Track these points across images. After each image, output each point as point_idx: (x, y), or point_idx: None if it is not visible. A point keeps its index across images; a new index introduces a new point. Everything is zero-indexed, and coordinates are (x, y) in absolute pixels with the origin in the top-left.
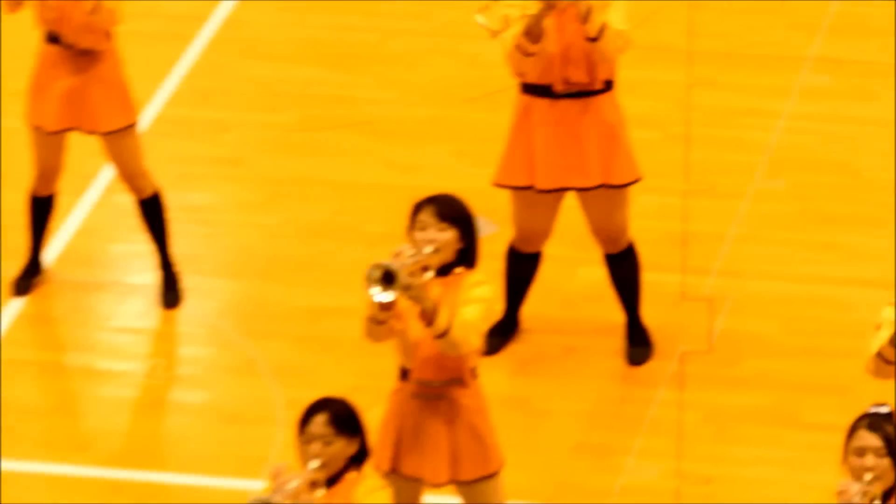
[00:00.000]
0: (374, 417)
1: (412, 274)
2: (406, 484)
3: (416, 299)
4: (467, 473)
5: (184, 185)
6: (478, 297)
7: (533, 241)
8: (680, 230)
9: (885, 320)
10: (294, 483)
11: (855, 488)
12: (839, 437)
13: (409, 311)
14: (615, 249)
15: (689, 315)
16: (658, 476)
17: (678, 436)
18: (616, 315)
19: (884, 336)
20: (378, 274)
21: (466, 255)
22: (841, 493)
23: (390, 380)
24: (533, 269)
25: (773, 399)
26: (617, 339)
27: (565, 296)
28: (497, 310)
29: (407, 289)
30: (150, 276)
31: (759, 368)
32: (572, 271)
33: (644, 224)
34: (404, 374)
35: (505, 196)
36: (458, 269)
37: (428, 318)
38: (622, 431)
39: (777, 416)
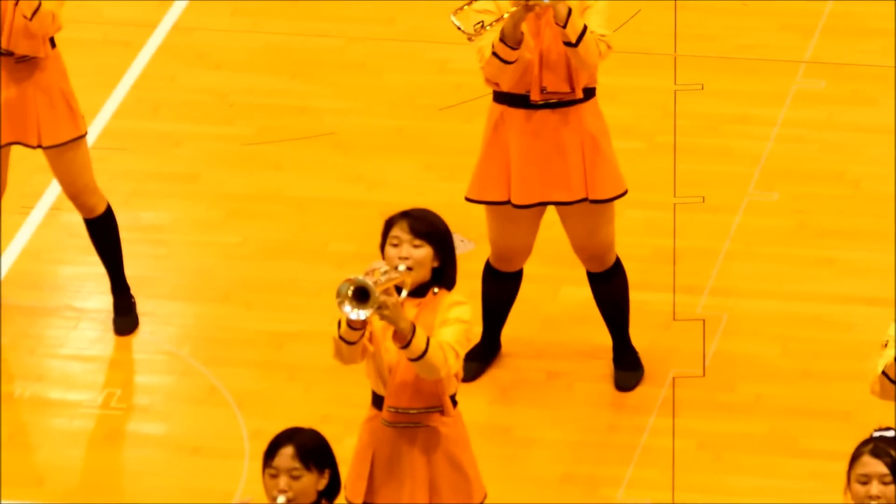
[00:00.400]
0: (346, 448)
1: (386, 292)
2: None
3: (391, 319)
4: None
5: (135, 202)
6: (456, 318)
7: (511, 259)
8: (669, 246)
9: (891, 338)
10: None
11: None
12: (841, 465)
13: (382, 332)
14: (600, 268)
15: (681, 337)
16: None
17: (671, 465)
18: (602, 337)
19: (890, 354)
20: (350, 290)
21: (443, 274)
22: None
23: (362, 408)
24: (513, 290)
25: (771, 425)
26: (604, 364)
27: (547, 317)
28: (476, 332)
29: (381, 308)
30: (103, 301)
31: (755, 393)
32: (554, 291)
33: (631, 240)
34: (377, 401)
35: (481, 211)
36: (435, 289)
37: (403, 339)
38: (612, 461)
39: (775, 444)
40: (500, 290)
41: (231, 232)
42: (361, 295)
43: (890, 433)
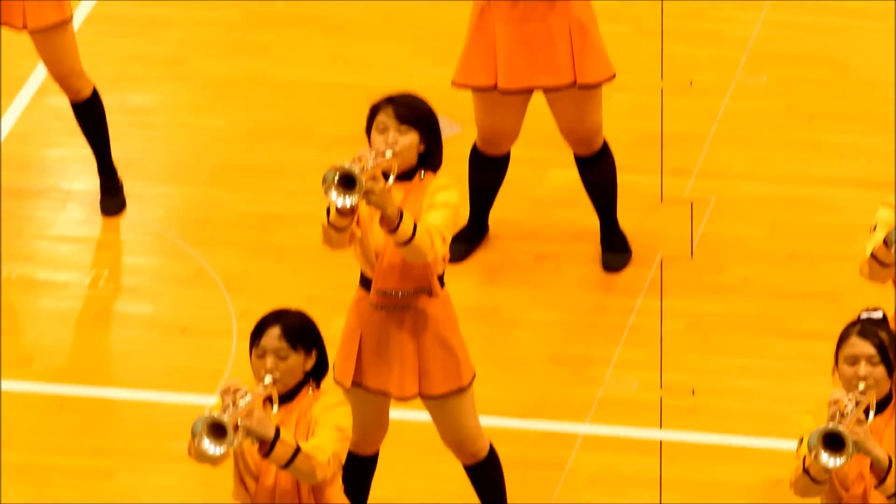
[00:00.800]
0: (334, 330)
1: (373, 178)
2: (371, 398)
3: (378, 205)
4: (436, 387)
5: (123, 86)
6: (443, 201)
7: (498, 143)
8: (657, 130)
9: (880, 220)
10: (247, 400)
11: (848, 398)
12: (828, 346)
13: (369, 217)
14: (588, 151)
15: (669, 219)
16: (639, 388)
17: (659, 346)
18: (590, 219)
19: (878, 237)
20: (336, 177)
21: (429, 158)
22: (834, 402)
23: (349, 290)
24: (499, 173)
25: (759, 306)
26: (592, 245)
27: (535, 200)
28: (463, 215)
29: (367, 194)
30: (90, 182)
31: (743, 274)
32: (542, 173)
33: (619, 124)
34: (365, 283)
35: (468, 95)
36: (422, 173)
37: (390, 224)
38: (600, 342)
39: (763, 325)
40: (487, 173)
41: (218, 115)
42: (348, 182)
43: (877, 314)
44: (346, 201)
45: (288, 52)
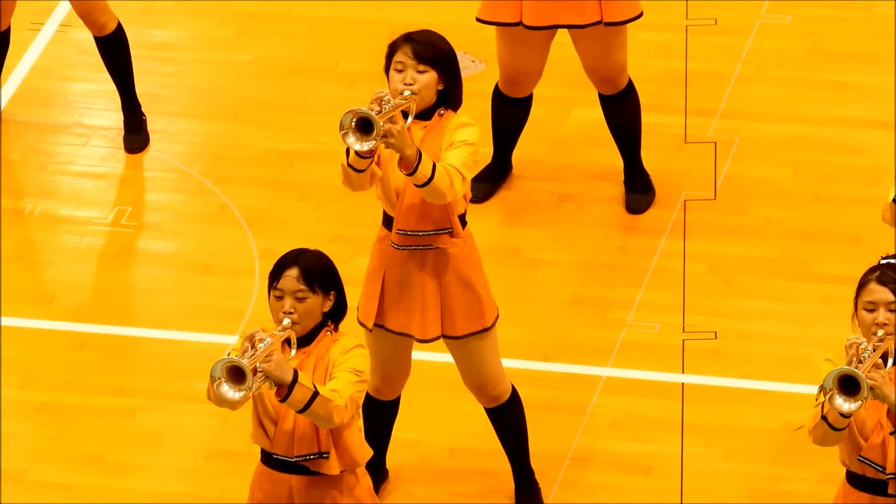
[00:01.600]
0: (356, 268)
1: (391, 120)
2: (393, 339)
3: (396, 147)
4: (459, 328)
5: (146, 20)
6: (463, 140)
7: (521, 83)
8: (681, 69)
9: None
10: (266, 343)
11: (866, 343)
12: (851, 289)
13: (389, 156)
14: (612, 90)
15: (693, 159)
16: (661, 331)
17: (682, 288)
18: (614, 160)
19: None
20: (353, 121)
21: (449, 96)
22: (851, 346)
23: (372, 228)
24: (522, 115)
25: (782, 249)
26: (615, 186)
27: (559, 139)
28: (484, 154)
29: (385, 136)
30: (113, 118)
31: (766, 216)
32: (565, 112)
33: (643, 62)
34: (388, 221)
35: (492, 32)
36: (441, 111)
37: (409, 166)
38: (622, 284)
39: (785, 268)
40: (510, 114)
41: (241, 50)
42: (365, 125)
43: None
44: (364, 146)
45: None
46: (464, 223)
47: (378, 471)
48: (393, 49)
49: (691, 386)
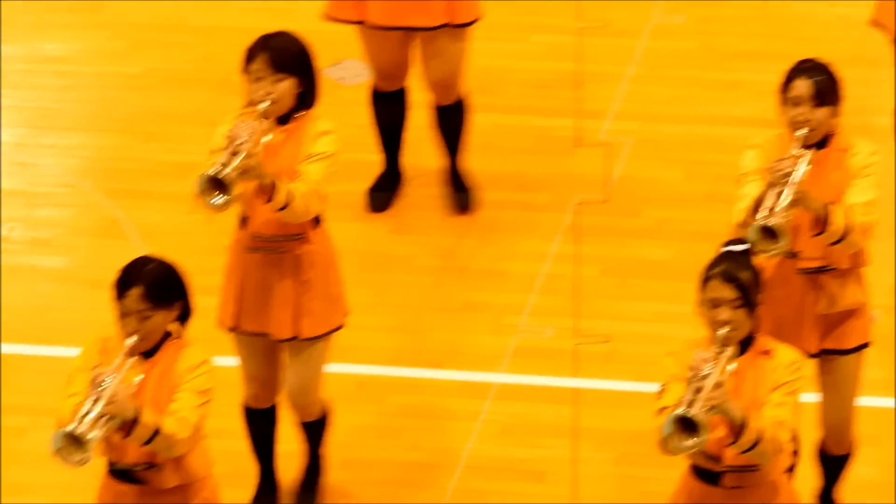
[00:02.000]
0: None
1: (248, 155)
2: (258, 341)
3: (254, 179)
4: (310, 329)
5: (38, 34)
6: (321, 152)
7: (389, 76)
8: (574, 71)
9: (747, 170)
10: (109, 381)
11: (707, 361)
12: None
13: None
14: (449, 100)
15: (585, 162)
16: (555, 335)
17: (575, 292)
18: (506, 165)
19: (743, 205)
20: (207, 184)
21: (306, 97)
22: (692, 368)
23: None
24: (399, 109)
25: (675, 250)
26: (508, 191)
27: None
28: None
29: (244, 172)
30: (4, 134)
31: (659, 217)
32: None
33: (535, 65)
34: (244, 221)
35: None
36: (299, 114)
37: (266, 194)
38: (514, 289)
39: (679, 269)
40: (387, 110)
41: (135, 62)
42: (218, 184)
43: (740, 247)
44: (223, 199)
45: None
46: (318, 222)
47: (268, 484)
48: (250, 57)
49: (584, 390)
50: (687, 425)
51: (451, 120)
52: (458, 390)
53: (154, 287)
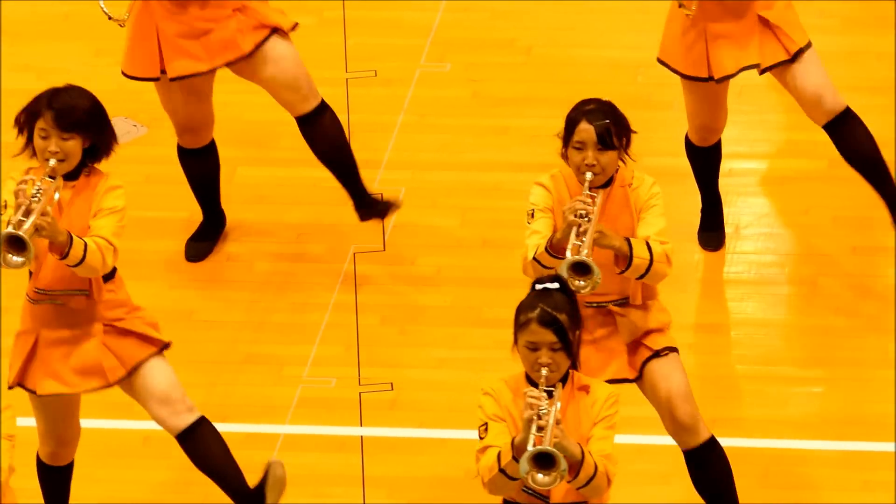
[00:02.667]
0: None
1: (41, 213)
2: (56, 399)
3: (49, 237)
4: (117, 371)
5: None
6: (111, 207)
7: (195, 131)
8: (343, 121)
9: (536, 206)
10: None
11: (540, 401)
12: None
13: None
14: (305, 108)
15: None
16: (338, 385)
17: (356, 341)
18: (281, 216)
19: (537, 241)
20: (4, 247)
21: (94, 152)
22: (529, 406)
23: None
24: (211, 162)
25: (453, 296)
26: (282, 244)
27: (224, 198)
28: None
29: (38, 230)
30: None
31: (436, 264)
32: (230, 172)
33: None
34: (31, 275)
35: (154, 94)
36: (87, 171)
37: (61, 251)
38: (295, 340)
39: (458, 315)
40: (198, 165)
41: None
42: (16, 243)
43: (553, 285)
44: (23, 258)
45: None
46: (113, 274)
47: None
48: (35, 114)
49: (370, 438)
50: (542, 461)
51: (312, 130)
52: (245, 442)
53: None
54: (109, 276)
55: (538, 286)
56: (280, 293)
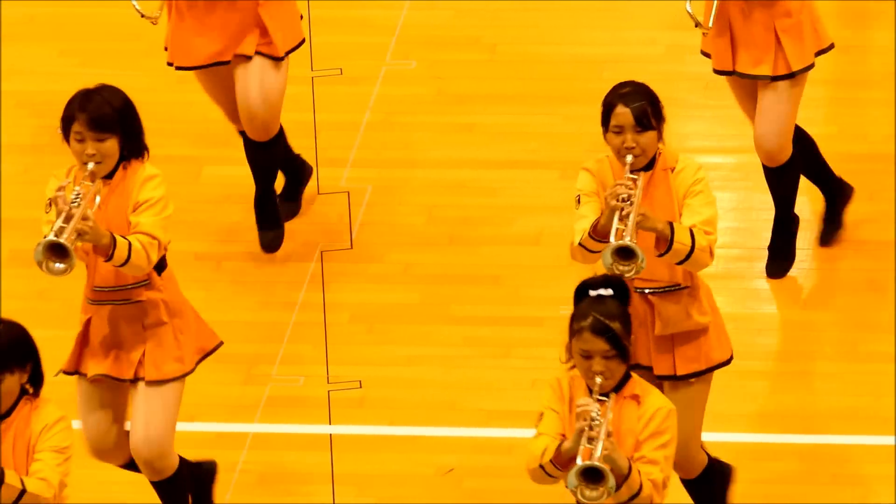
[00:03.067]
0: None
1: (83, 218)
2: (98, 391)
3: (92, 240)
4: (157, 372)
5: None
6: (149, 198)
7: (237, 123)
8: (310, 120)
9: (581, 192)
10: None
11: (593, 410)
12: (493, 330)
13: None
14: (265, 137)
15: (327, 210)
16: (306, 383)
17: (324, 340)
18: (246, 217)
19: (584, 225)
20: (45, 252)
21: (131, 149)
22: (581, 416)
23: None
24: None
25: (421, 294)
26: (248, 244)
27: (190, 198)
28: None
29: (80, 236)
30: None
31: (403, 262)
32: (196, 171)
33: None
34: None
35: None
36: (125, 165)
37: (106, 253)
38: (264, 339)
39: (426, 312)
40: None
41: None
42: (57, 249)
43: (607, 291)
44: (65, 265)
45: None
46: (164, 266)
47: None
48: (69, 119)
49: (339, 436)
50: (590, 476)
51: (261, 156)
52: (214, 442)
53: (2, 351)
54: (159, 268)
55: (592, 292)
56: (247, 292)
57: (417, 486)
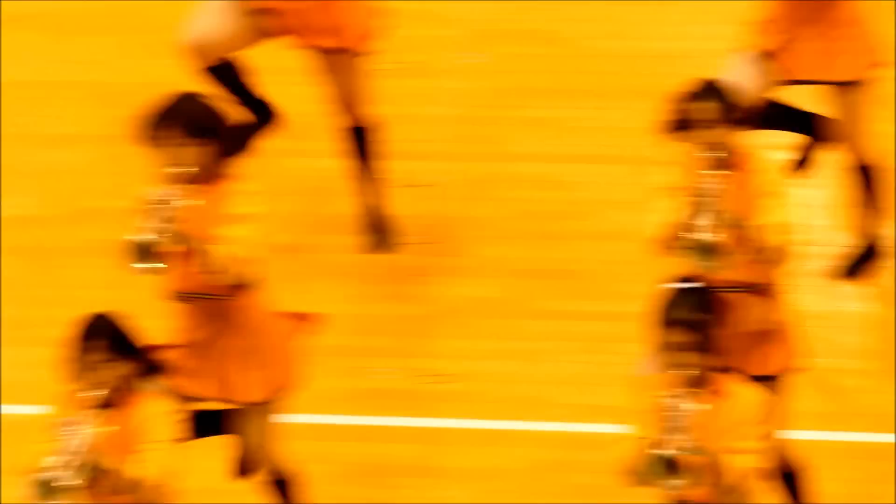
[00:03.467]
0: None
1: (175, 221)
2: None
3: (182, 244)
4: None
5: None
6: (235, 211)
7: None
8: (394, 113)
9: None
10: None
11: (681, 403)
12: (575, 324)
13: None
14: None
15: (409, 203)
16: (400, 377)
17: (412, 333)
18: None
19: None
20: (136, 252)
21: (223, 155)
22: (669, 408)
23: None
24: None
25: (504, 288)
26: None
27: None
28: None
29: (173, 239)
30: None
31: (487, 256)
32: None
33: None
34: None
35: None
36: (216, 169)
37: (197, 259)
38: (356, 332)
39: (510, 306)
40: None
41: None
42: (147, 251)
43: (689, 285)
44: (154, 265)
45: (8, 52)
46: (246, 285)
47: None
48: (159, 124)
49: (432, 429)
50: (671, 466)
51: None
52: (302, 433)
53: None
54: (243, 287)
55: (674, 286)
56: (340, 285)
57: (508, 481)
